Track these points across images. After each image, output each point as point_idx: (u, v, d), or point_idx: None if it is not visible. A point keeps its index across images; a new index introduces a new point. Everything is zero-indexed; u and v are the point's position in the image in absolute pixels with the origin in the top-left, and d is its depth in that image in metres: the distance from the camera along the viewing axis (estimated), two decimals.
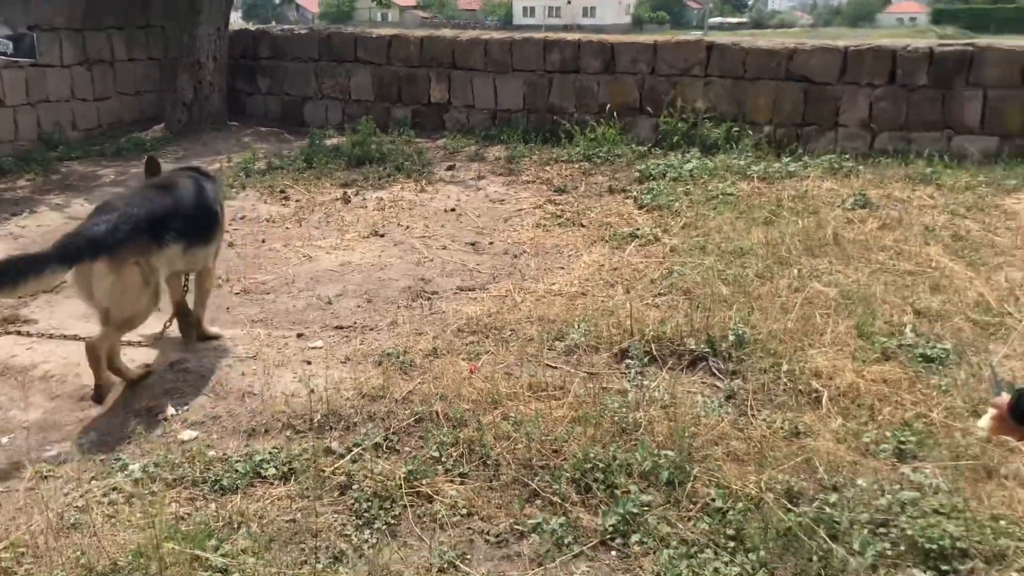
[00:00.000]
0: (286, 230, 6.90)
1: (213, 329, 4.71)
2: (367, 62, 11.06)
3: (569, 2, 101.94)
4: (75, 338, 4.55)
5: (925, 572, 2.71)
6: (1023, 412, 1.96)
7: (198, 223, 4.40)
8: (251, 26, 14.59)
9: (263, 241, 6.59)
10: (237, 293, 5.49)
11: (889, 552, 2.77)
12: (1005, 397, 1.99)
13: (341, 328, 4.87)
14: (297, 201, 7.72)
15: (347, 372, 4.20)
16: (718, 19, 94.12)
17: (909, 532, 2.83)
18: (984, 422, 2.07)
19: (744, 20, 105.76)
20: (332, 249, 6.39)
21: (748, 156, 8.46)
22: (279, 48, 11.56)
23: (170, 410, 3.83)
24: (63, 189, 8.46)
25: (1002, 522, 2.90)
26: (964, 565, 2.73)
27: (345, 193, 7.90)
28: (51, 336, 4.72)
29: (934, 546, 2.77)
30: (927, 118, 8.67)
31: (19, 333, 4.81)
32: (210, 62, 10.88)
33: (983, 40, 9.40)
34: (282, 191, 8.00)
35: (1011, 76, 8.42)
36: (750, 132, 8.95)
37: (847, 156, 8.39)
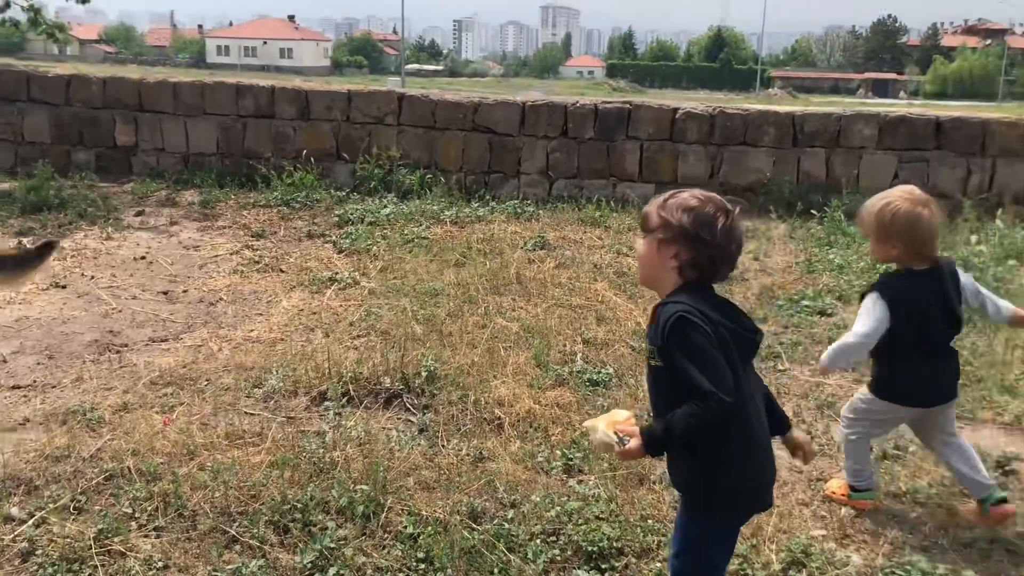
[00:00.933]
0: None
1: None
2: (43, 102, 10.34)
3: (265, 43, 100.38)
4: None
5: (588, 572, 3.10)
6: (655, 448, 2.36)
7: None
8: None
9: None
10: None
11: (558, 557, 3.15)
12: (633, 444, 2.37)
13: (18, 388, 4.58)
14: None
15: (27, 433, 3.98)
16: (415, 66, 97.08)
17: (575, 538, 3.23)
18: (601, 434, 2.44)
19: (440, 68, 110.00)
20: (5, 304, 5.95)
21: (441, 201, 8.95)
22: None
23: None
24: None
25: (650, 521, 3.38)
26: (620, 562, 3.16)
27: (20, 243, 7.35)
28: None
29: (595, 548, 3.17)
30: (595, 167, 9.66)
31: None
32: None
33: (638, 99, 10.67)
34: None
35: (662, 130, 9.63)
36: (442, 179, 9.47)
37: (529, 201, 9.16)
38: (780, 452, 2.68)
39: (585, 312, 5.87)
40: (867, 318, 3.32)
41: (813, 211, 8.85)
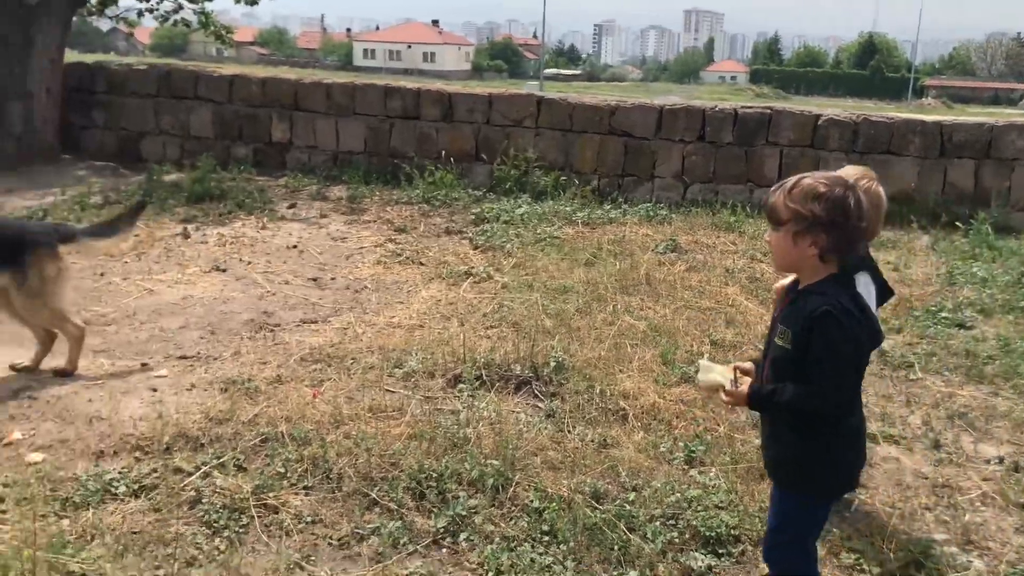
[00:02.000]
0: (125, 264, 6.95)
1: None
2: (208, 100, 11.13)
3: (410, 47, 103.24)
4: None
5: (706, 555, 3.23)
6: (757, 402, 2.52)
7: None
8: (79, 55, 14.26)
9: (102, 275, 6.62)
10: (84, 328, 5.54)
11: (677, 540, 3.29)
12: (742, 389, 2.55)
13: (185, 358, 5.05)
14: (136, 236, 7.72)
15: (193, 398, 4.41)
16: (553, 70, 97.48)
17: (694, 523, 3.37)
18: (716, 374, 2.65)
19: (578, 72, 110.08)
20: (173, 283, 6.52)
21: (574, 203, 9.14)
22: (116, 82, 11.44)
23: (16, 434, 3.93)
24: None
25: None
26: (737, 548, 3.28)
27: (185, 229, 7.99)
28: None
29: (713, 533, 3.30)
30: (732, 172, 9.65)
31: None
32: (43, 94, 10.66)
33: (780, 104, 10.55)
34: None
35: (803, 136, 9.53)
36: (576, 181, 9.66)
37: (662, 205, 9.24)
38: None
39: (714, 315, 5.94)
40: (870, 301, 3.36)
41: (958, 223, 8.59)
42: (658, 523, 3.37)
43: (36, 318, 4.70)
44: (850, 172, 3.42)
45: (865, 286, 3.36)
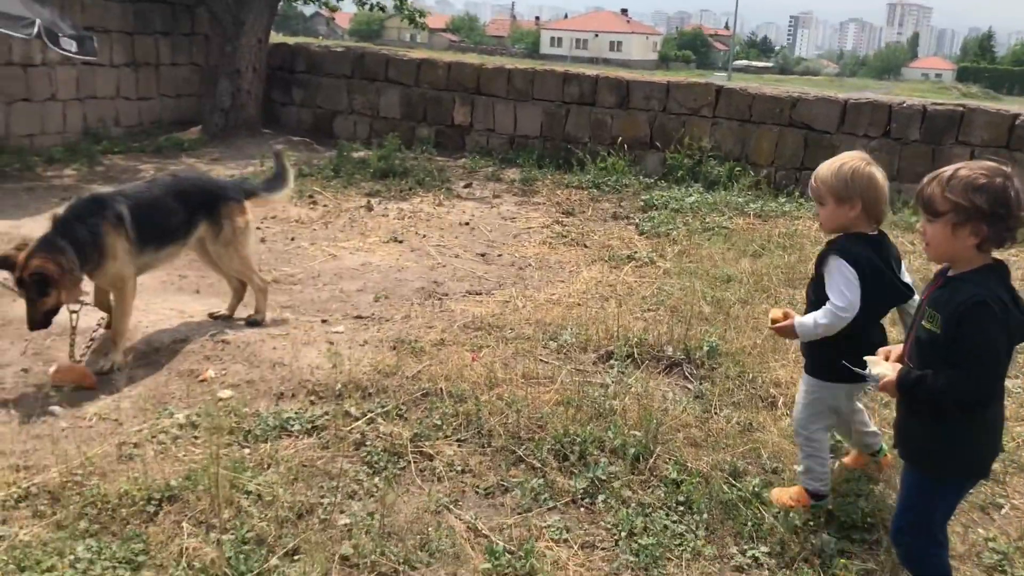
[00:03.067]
0: (313, 231, 7.50)
1: None
2: (397, 82, 11.73)
3: (596, 36, 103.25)
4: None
5: (839, 539, 3.23)
6: (905, 388, 2.54)
7: None
8: (282, 37, 15.26)
9: (292, 239, 7.19)
10: (268, 282, 6.07)
11: (811, 522, 3.31)
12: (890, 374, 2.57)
13: (360, 318, 5.45)
14: (324, 206, 8.33)
15: (365, 352, 4.77)
16: (743, 62, 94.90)
17: (830, 507, 3.38)
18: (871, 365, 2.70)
19: (769, 65, 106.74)
20: (355, 250, 6.99)
21: (747, 194, 9.04)
22: (315, 63, 12.25)
23: (210, 373, 4.41)
24: (106, 181, 9.08)
25: None
26: (872, 536, 3.27)
27: (369, 202, 8.51)
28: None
29: (849, 519, 3.30)
30: (917, 170, 9.21)
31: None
32: (249, 72, 11.56)
33: (973, 102, 9.99)
34: (311, 196, 8.61)
35: (998, 137, 8.99)
36: (751, 172, 9.53)
37: None
38: None
39: None
40: (845, 289, 3.14)
41: None
42: None
43: (229, 266, 5.22)
44: (847, 157, 3.31)
45: (838, 270, 3.17)
